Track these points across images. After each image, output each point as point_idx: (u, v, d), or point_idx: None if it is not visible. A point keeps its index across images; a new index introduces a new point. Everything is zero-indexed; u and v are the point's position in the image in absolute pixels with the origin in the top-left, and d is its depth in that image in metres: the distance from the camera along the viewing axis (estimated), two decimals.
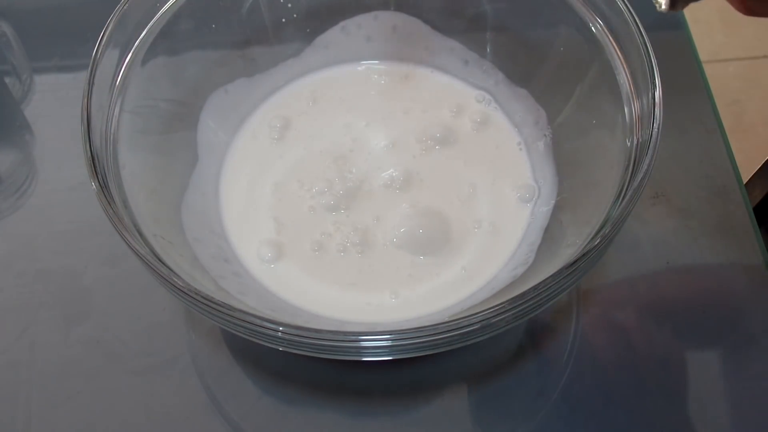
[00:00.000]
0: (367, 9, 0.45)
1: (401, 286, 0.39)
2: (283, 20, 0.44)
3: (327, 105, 0.45)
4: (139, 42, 0.38)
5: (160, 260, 0.31)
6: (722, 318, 0.39)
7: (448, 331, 0.29)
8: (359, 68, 0.47)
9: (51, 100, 0.49)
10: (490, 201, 0.41)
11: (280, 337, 0.29)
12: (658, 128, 0.32)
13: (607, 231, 0.31)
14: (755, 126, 0.96)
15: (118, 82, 0.36)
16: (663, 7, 0.30)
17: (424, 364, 0.38)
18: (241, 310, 0.29)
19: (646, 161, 0.32)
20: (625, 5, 0.35)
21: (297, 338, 0.29)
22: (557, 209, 0.39)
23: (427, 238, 0.40)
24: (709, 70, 0.48)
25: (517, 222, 0.40)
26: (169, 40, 0.39)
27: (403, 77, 0.46)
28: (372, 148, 0.43)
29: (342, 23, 0.45)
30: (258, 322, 0.29)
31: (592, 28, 0.37)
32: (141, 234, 0.32)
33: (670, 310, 0.40)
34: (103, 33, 0.36)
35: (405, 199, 0.41)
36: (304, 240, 0.40)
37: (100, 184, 0.32)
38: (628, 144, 0.34)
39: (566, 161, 0.41)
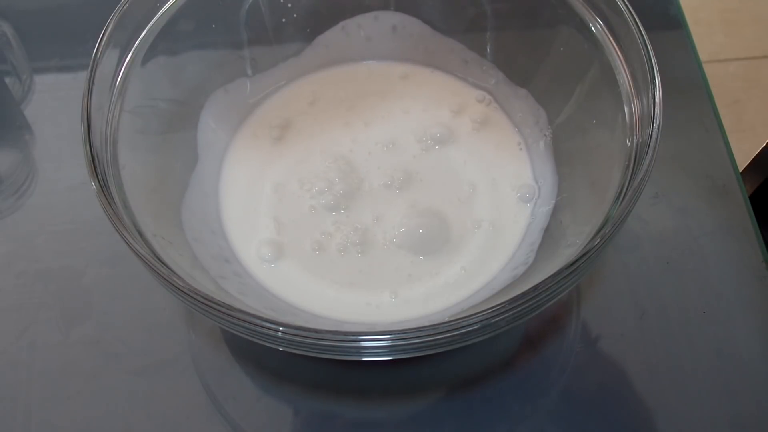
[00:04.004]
0: (367, 9, 0.45)
1: (401, 286, 0.39)
2: (283, 20, 0.44)
3: (327, 105, 0.45)
4: (139, 42, 0.38)
5: (160, 260, 0.31)
6: (722, 318, 0.39)
7: (448, 331, 0.29)
8: (359, 68, 0.47)
9: (51, 100, 0.49)
10: (490, 201, 0.41)
11: (280, 337, 0.29)
12: (658, 128, 0.32)
13: (607, 231, 0.31)
14: (755, 126, 0.96)
15: (118, 82, 0.36)
16: None
17: (423, 364, 0.38)
18: (241, 310, 0.29)
19: (646, 161, 0.32)
20: (625, 5, 0.35)
21: (297, 338, 0.29)
22: (557, 209, 0.39)
23: (427, 238, 0.40)
24: (709, 70, 0.48)
25: (517, 222, 0.40)
26: (169, 40, 0.39)
27: (402, 77, 0.46)
28: (372, 148, 0.43)
29: (342, 23, 0.45)
30: (258, 322, 0.29)
31: (592, 28, 0.37)
32: (141, 234, 0.32)
33: (670, 310, 0.40)
34: (103, 33, 0.36)
35: (405, 199, 0.41)
36: (304, 240, 0.40)
37: (100, 184, 0.32)
38: (628, 144, 0.34)
39: (566, 161, 0.41)
